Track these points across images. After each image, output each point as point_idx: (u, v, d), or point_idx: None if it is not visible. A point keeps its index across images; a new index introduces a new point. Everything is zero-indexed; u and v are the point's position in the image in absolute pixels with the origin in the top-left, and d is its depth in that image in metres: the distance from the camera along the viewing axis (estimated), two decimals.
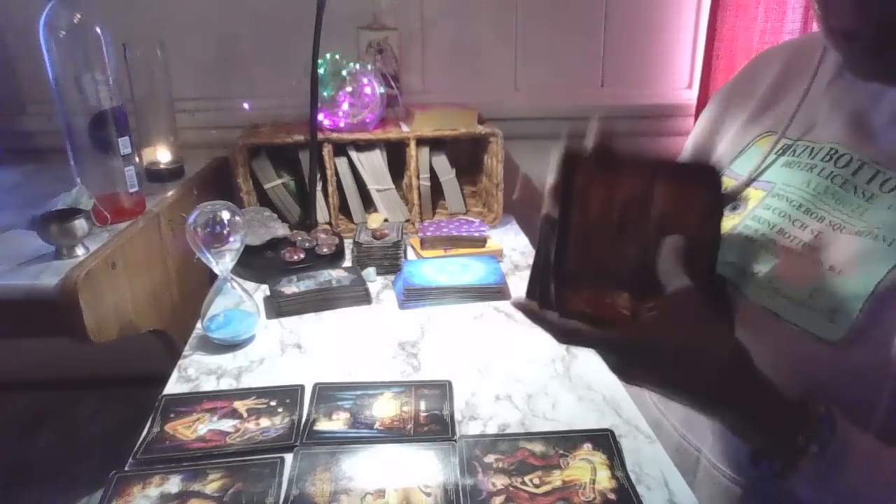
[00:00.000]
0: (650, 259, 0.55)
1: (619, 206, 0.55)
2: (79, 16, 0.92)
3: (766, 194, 0.65)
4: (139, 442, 0.71)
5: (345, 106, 1.27)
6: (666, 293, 0.51)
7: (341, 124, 1.28)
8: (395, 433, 0.71)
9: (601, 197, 0.55)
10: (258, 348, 0.90)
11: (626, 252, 0.56)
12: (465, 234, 1.21)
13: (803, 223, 0.61)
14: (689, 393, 0.54)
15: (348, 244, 1.21)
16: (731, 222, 0.66)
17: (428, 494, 0.63)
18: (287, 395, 0.78)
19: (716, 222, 0.58)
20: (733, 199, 0.67)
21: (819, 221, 0.60)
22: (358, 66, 1.28)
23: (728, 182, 0.69)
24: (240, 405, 0.77)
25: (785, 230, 0.62)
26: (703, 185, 0.57)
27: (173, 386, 0.82)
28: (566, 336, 0.54)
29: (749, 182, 0.68)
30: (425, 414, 0.74)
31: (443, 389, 0.79)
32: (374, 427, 0.73)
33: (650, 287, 0.53)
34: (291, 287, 1.02)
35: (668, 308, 0.51)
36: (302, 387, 0.80)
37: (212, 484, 0.64)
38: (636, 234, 0.55)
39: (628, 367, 0.54)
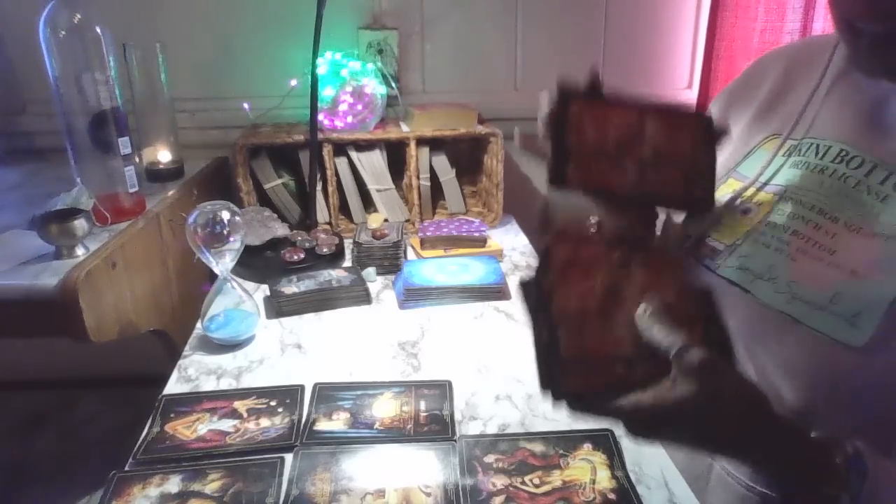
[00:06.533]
0: (648, 185, 0.56)
1: (613, 135, 0.57)
2: (79, 16, 0.92)
3: (778, 198, 0.65)
4: (139, 442, 0.71)
5: (345, 106, 1.27)
6: (671, 353, 0.48)
7: (341, 124, 1.29)
8: (395, 433, 0.71)
9: (595, 126, 0.57)
10: (258, 348, 0.90)
11: (624, 177, 0.56)
12: (465, 234, 1.21)
13: (818, 224, 0.60)
14: (710, 448, 0.53)
15: (348, 244, 1.21)
16: (743, 227, 0.65)
17: (428, 494, 0.63)
18: (287, 395, 0.78)
19: (710, 149, 0.58)
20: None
21: (834, 222, 0.59)
22: (358, 66, 1.29)
23: (735, 185, 0.69)
24: (240, 405, 0.77)
25: (799, 232, 0.61)
26: (692, 118, 0.59)
27: (173, 386, 0.82)
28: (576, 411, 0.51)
29: (758, 185, 0.67)
30: (425, 414, 0.74)
31: (443, 389, 0.79)
32: (374, 427, 0.73)
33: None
34: (291, 287, 1.02)
35: (676, 370, 0.48)
36: (302, 387, 0.80)
37: (212, 484, 0.64)
38: (632, 160, 0.56)
39: (644, 429, 0.51)
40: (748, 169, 0.69)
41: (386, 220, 1.29)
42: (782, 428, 0.51)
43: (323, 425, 0.73)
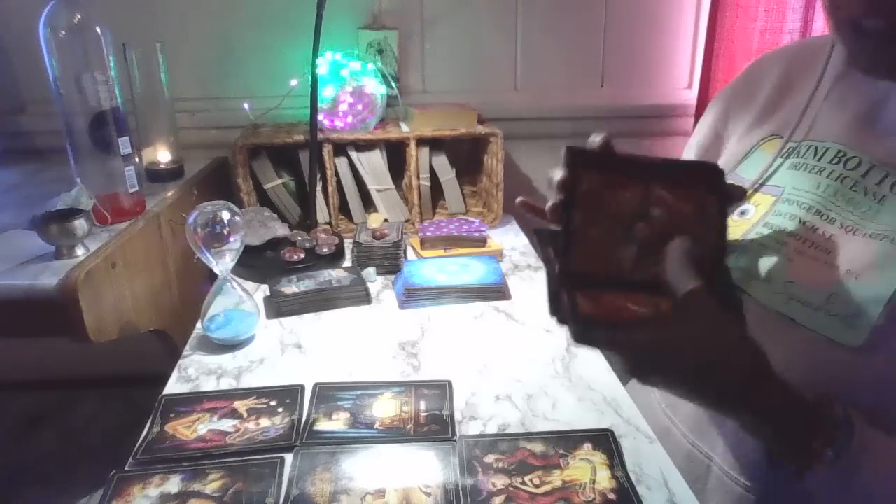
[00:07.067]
0: (653, 262, 0.55)
1: (623, 206, 0.56)
2: (79, 16, 0.92)
3: (776, 199, 0.64)
4: (139, 442, 0.71)
5: (345, 106, 1.27)
6: (678, 294, 0.49)
7: (341, 124, 1.29)
8: (395, 433, 0.71)
9: (605, 197, 0.56)
10: (258, 348, 0.90)
11: (631, 253, 0.56)
12: (465, 234, 1.21)
13: (815, 225, 0.60)
14: (704, 393, 0.53)
15: (348, 244, 1.21)
16: (741, 228, 0.65)
17: (428, 494, 0.63)
18: (287, 395, 0.78)
19: (721, 225, 0.57)
20: (739, 201, 0.64)
21: (831, 223, 0.59)
22: (358, 66, 1.28)
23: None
24: (240, 405, 0.77)
25: (796, 233, 0.61)
26: (706, 188, 0.58)
27: (173, 386, 0.82)
28: (580, 337, 0.52)
29: (757, 187, 0.67)
30: (425, 414, 0.74)
31: (443, 389, 0.79)
32: (374, 427, 0.73)
33: (655, 289, 0.52)
34: (291, 287, 1.02)
35: (681, 309, 0.49)
36: (302, 387, 0.80)
37: (212, 484, 0.64)
38: (640, 235, 0.55)
39: (642, 368, 0.52)
40: (747, 170, 0.69)
41: (386, 220, 1.29)
42: (778, 383, 0.51)
43: (323, 425, 0.73)
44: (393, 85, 1.35)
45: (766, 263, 0.62)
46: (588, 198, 0.56)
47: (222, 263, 0.89)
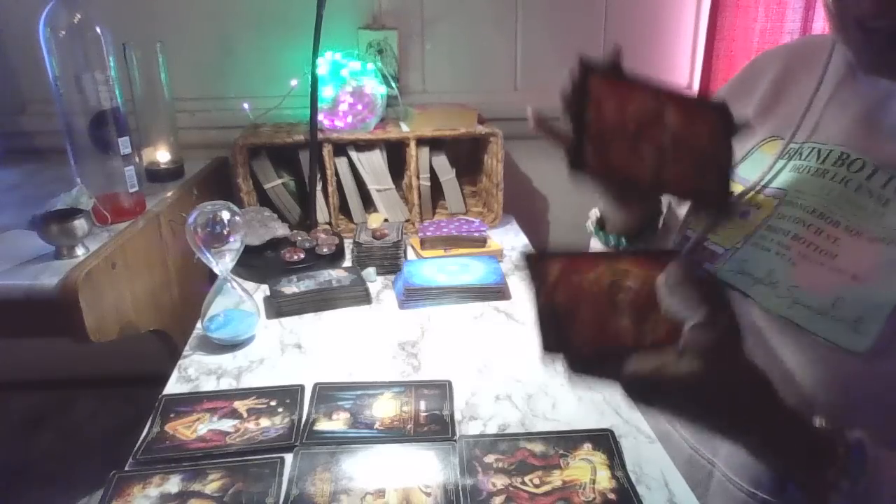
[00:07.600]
0: (665, 174, 0.56)
1: (632, 116, 0.56)
2: (79, 16, 0.92)
3: (778, 202, 0.64)
4: (139, 442, 0.71)
5: (345, 106, 1.27)
6: (685, 328, 0.47)
7: (341, 124, 1.29)
8: (395, 433, 0.71)
9: (615, 105, 0.57)
10: (258, 348, 0.90)
11: (642, 157, 0.56)
12: (465, 234, 1.21)
13: (819, 228, 0.59)
14: (708, 420, 0.52)
15: (348, 244, 1.21)
16: (743, 231, 0.65)
17: (428, 494, 0.63)
18: (287, 395, 0.78)
19: (728, 141, 0.58)
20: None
21: (835, 227, 0.59)
22: (358, 66, 1.29)
23: (735, 188, 0.68)
24: (240, 405, 0.77)
25: (800, 236, 0.60)
26: (713, 108, 0.59)
27: (173, 386, 0.82)
28: (576, 368, 0.50)
29: (758, 188, 0.66)
30: (425, 414, 0.74)
31: (443, 389, 0.79)
32: (374, 427, 0.73)
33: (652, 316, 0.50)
34: (291, 287, 1.02)
35: (687, 342, 0.47)
36: (302, 387, 0.80)
37: (212, 484, 0.64)
38: (651, 145, 0.56)
39: (646, 396, 0.50)
40: (747, 171, 0.69)
41: (386, 220, 1.29)
42: (785, 414, 0.50)
43: (323, 425, 0.73)
44: (393, 85, 1.35)
45: (770, 267, 0.61)
46: (599, 94, 0.57)
47: (222, 263, 0.89)
